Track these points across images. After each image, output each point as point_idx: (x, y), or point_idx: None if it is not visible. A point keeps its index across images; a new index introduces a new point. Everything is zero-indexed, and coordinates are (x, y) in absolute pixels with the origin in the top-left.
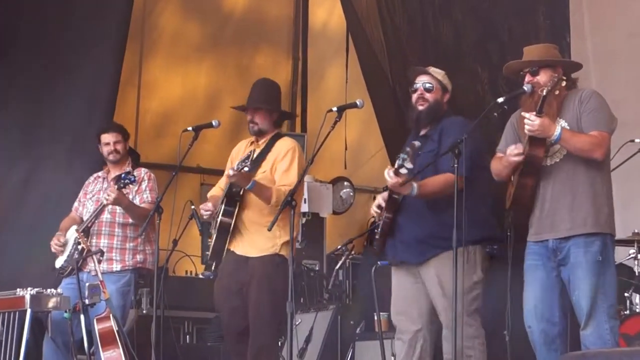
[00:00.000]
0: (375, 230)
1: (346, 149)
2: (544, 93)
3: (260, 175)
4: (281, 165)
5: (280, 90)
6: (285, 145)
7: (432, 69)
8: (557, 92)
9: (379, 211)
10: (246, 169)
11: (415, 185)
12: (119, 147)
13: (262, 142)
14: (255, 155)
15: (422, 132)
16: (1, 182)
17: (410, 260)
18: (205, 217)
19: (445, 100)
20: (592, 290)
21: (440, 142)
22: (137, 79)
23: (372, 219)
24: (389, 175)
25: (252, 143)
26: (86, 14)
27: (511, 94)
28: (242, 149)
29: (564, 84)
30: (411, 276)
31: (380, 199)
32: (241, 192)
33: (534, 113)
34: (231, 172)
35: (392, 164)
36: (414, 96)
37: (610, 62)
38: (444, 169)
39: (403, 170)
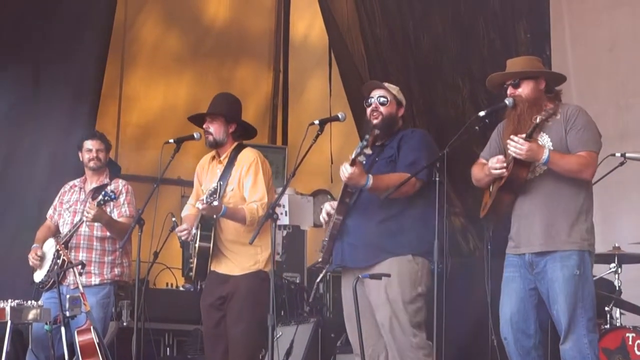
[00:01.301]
0: (325, 239)
1: (332, 162)
2: (537, 121)
3: (230, 194)
4: (247, 182)
5: (241, 105)
6: (247, 159)
7: (386, 84)
8: (558, 117)
9: (327, 218)
10: (215, 202)
11: (370, 176)
12: (101, 155)
13: (224, 157)
14: (219, 175)
15: (379, 143)
16: None
17: (356, 265)
18: (182, 238)
19: (400, 115)
20: (571, 305)
21: (399, 148)
22: (117, 92)
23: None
24: (344, 169)
25: (213, 158)
26: (67, 27)
27: (492, 107)
28: (205, 165)
29: (558, 117)
30: (361, 289)
31: (328, 206)
32: (215, 217)
33: (523, 136)
34: (200, 207)
35: None
36: (368, 110)
37: (591, 76)
38: (400, 171)
39: (361, 158)
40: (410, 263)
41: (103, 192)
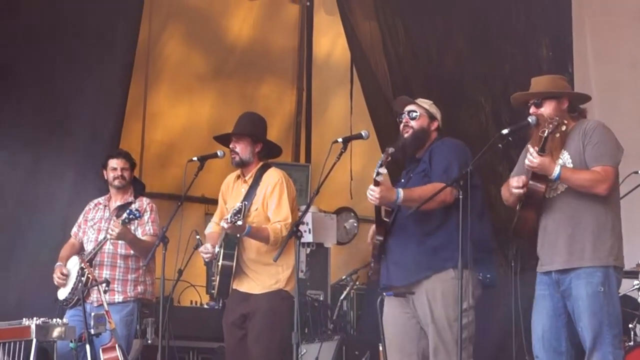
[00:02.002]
0: (370, 260)
1: (352, 179)
2: (545, 134)
3: (254, 213)
4: (271, 202)
5: (266, 124)
6: (272, 179)
7: (419, 99)
8: (563, 128)
9: (370, 241)
10: (239, 222)
11: (400, 190)
12: (126, 174)
13: (249, 177)
14: (244, 194)
15: (417, 156)
16: (5, 215)
17: (401, 283)
18: (206, 259)
19: (433, 128)
20: (596, 322)
21: (430, 162)
22: (142, 110)
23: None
24: (371, 191)
25: (238, 177)
26: (92, 45)
27: (515, 126)
28: (230, 184)
29: (563, 128)
30: (401, 307)
31: (371, 232)
32: (238, 236)
33: (537, 149)
34: (225, 226)
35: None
36: (401, 126)
37: (614, 93)
38: (435, 181)
39: (379, 177)
40: (453, 278)
41: (127, 211)
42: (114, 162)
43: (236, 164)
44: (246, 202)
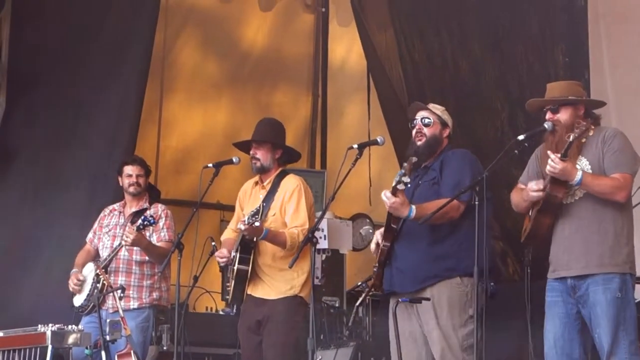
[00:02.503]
0: (374, 265)
1: (370, 185)
2: (571, 139)
3: (271, 219)
4: (289, 207)
5: (285, 130)
6: (290, 185)
7: (431, 105)
8: (591, 133)
9: (374, 248)
10: (257, 223)
11: (413, 206)
12: (141, 180)
13: (267, 183)
14: (262, 200)
15: (423, 165)
16: (19, 221)
17: (405, 289)
18: (221, 264)
19: (445, 135)
20: (613, 328)
21: (441, 171)
22: (157, 116)
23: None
24: (386, 197)
25: (256, 183)
26: (107, 52)
27: (532, 131)
28: (248, 190)
29: (591, 133)
30: (407, 313)
31: (378, 235)
32: (255, 240)
33: (559, 155)
34: (242, 227)
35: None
36: (413, 132)
37: (630, 99)
38: (445, 195)
39: (401, 186)
40: (460, 286)
41: (142, 217)
42: (129, 169)
43: (257, 170)
44: (264, 204)
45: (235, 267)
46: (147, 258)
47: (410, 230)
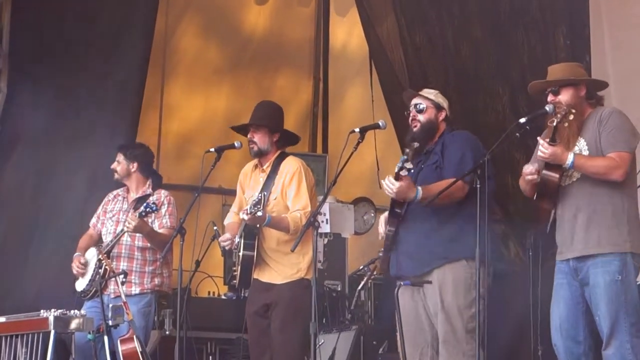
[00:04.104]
0: (379, 250)
1: (378, 169)
2: (554, 124)
3: (273, 202)
4: (290, 191)
5: (283, 112)
6: (290, 168)
7: (424, 90)
8: (571, 117)
9: (382, 233)
10: (259, 213)
11: (419, 187)
12: (118, 168)
13: (267, 166)
14: (262, 184)
15: (425, 150)
16: (20, 208)
17: (412, 273)
18: (226, 247)
19: (441, 118)
20: (613, 310)
21: (442, 154)
22: (158, 101)
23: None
24: (390, 183)
25: (256, 167)
26: (109, 37)
27: (533, 114)
28: (248, 173)
29: (571, 117)
30: (412, 296)
31: (382, 220)
32: (258, 225)
33: (547, 140)
34: (245, 217)
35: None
36: (409, 119)
37: (631, 81)
38: (448, 177)
39: (404, 172)
40: (465, 268)
41: (145, 204)
42: (117, 156)
43: (254, 154)
44: (265, 193)
45: (241, 253)
46: (149, 244)
47: (415, 215)
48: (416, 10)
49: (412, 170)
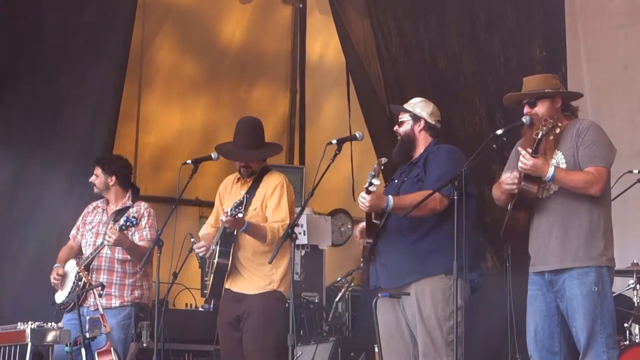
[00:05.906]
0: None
1: (353, 180)
2: (539, 136)
3: (252, 213)
4: (271, 202)
5: (262, 125)
6: (273, 181)
7: (410, 101)
8: (557, 131)
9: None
10: (240, 214)
11: (390, 197)
12: (96, 181)
13: (250, 178)
14: (243, 195)
15: (409, 162)
16: (1, 217)
17: (390, 285)
18: (200, 254)
19: (419, 129)
20: (589, 321)
21: (425, 166)
22: (135, 113)
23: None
24: (362, 198)
25: (238, 180)
26: (85, 49)
27: (509, 126)
28: (229, 185)
29: (557, 130)
30: (393, 308)
31: (357, 233)
32: (235, 233)
33: (530, 151)
34: (224, 219)
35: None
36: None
37: (607, 93)
38: (427, 189)
39: (372, 188)
40: (443, 280)
41: (125, 218)
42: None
43: (248, 175)
44: (248, 195)
45: (215, 261)
46: (129, 257)
47: (394, 227)
48: (393, 23)
49: (397, 181)
